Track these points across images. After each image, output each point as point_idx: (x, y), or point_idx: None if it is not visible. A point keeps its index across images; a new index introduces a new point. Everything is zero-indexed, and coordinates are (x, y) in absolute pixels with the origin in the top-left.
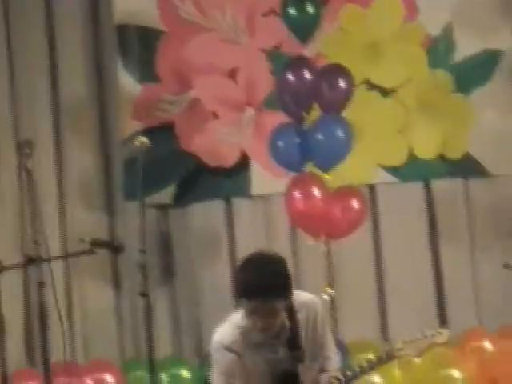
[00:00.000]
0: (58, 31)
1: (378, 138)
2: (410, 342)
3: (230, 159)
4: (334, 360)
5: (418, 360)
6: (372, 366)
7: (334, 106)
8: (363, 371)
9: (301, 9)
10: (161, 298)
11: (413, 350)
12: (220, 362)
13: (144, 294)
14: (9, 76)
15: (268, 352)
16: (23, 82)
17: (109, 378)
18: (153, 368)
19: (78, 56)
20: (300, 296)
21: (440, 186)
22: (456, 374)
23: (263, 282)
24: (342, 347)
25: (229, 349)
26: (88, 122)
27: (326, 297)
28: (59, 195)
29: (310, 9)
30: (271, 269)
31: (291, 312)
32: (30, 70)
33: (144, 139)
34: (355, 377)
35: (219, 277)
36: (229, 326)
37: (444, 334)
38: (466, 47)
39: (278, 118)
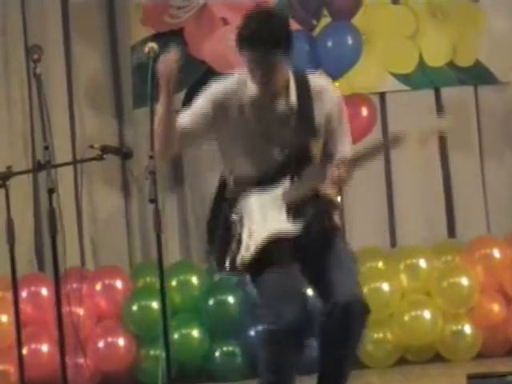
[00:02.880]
0: None
1: (388, 46)
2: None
3: (239, 66)
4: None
5: (425, 267)
6: (379, 148)
7: (344, 13)
8: (370, 152)
9: None
10: (170, 203)
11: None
12: (207, 91)
13: (153, 200)
14: None
15: (267, 111)
16: None
17: (118, 283)
18: (162, 273)
19: None
20: (319, 78)
21: (450, 93)
22: (464, 281)
23: (256, 30)
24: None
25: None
26: (97, 28)
27: None
28: (68, 101)
29: None
30: (266, 20)
31: (302, 85)
32: None
33: (153, 45)
34: (361, 157)
35: None
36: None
37: (446, 120)
38: None
39: None
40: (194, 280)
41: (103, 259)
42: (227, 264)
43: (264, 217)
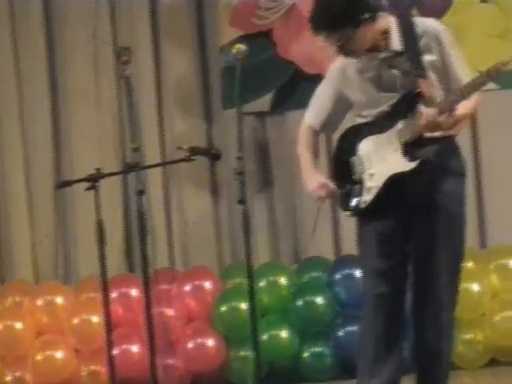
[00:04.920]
0: None
1: (478, 44)
2: None
3: (328, 67)
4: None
5: None
6: (479, 82)
7: (434, 12)
8: (469, 87)
9: None
10: (258, 205)
11: None
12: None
13: (242, 201)
14: None
15: (372, 65)
16: None
17: (207, 284)
18: (250, 274)
19: None
20: (424, 21)
21: None
22: None
23: (316, 14)
24: None
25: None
26: (186, 29)
27: None
28: (157, 103)
29: None
30: (332, 1)
31: (406, 28)
32: None
33: (241, 46)
34: (459, 98)
35: None
36: None
37: None
38: None
39: None
40: (283, 281)
41: (192, 260)
42: (352, 205)
43: (382, 157)
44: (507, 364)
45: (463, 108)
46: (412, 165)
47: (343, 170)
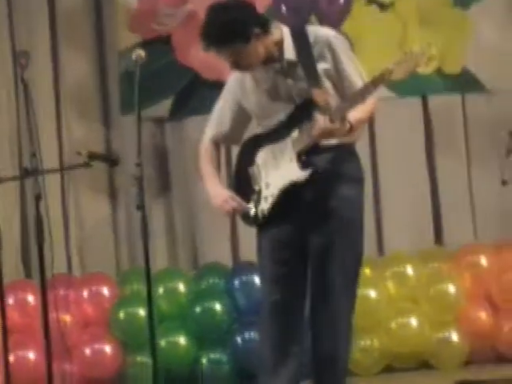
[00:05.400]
0: None
1: (376, 52)
2: (399, 63)
3: (227, 73)
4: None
5: (412, 274)
6: (367, 90)
7: (332, 20)
8: (357, 95)
9: None
10: (157, 210)
11: (402, 70)
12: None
13: (140, 207)
14: None
15: (267, 77)
16: None
17: (105, 290)
18: (149, 280)
19: None
20: (317, 30)
21: (437, 100)
22: (451, 288)
23: (208, 28)
24: None
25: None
26: (85, 34)
27: None
28: (56, 107)
29: None
30: (217, 14)
31: (300, 38)
32: None
33: (140, 51)
34: (347, 105)
35: None
36: None
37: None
38: None
39: None
40: (181, 287)
41: (90, 266)
42: (251, 214)
43: (277, 166)
44: (402, 370)
45: (357, 113)
46: (304, 174)
47: (244, 181)
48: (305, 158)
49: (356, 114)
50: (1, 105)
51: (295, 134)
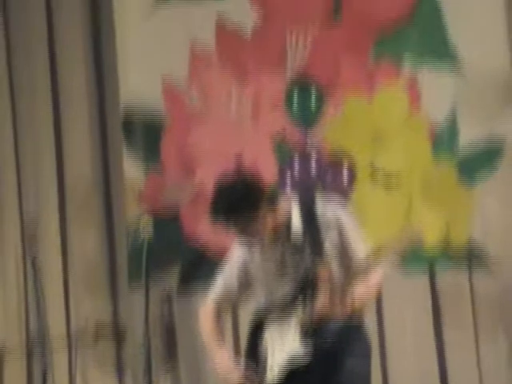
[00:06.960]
0: (65, 116)
1: (382, 228)
2: (398, 238)
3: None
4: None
5: None
6: (370, 264)
7: (339, 188)
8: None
9: (304, 102)
10: (164, 382)
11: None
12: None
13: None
14: (15, 162)
15: (273, 251)
16: (29, 163)
17: None
18: None
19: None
20: (324, 205)
21: (444, 276)
22: None
23: (216, 205)
24: None
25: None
26: (93, 209)
27: None
28: (63, 281)
29: (313, 103)
30: (224, 193)
31: (307, 212)
32: (35, 152)
33: (148, 220)
34: (351, 282)
35: None
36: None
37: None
38: (470, 133)
39: None
40: None
41: None
42: None
43: (282, 340)
44: None
45: (362, 289)
46: (308, 350)
47: (254, 352)
48: (310, 333)
49: (361, 289)
50: (9, 278)
51: (301, 309)
